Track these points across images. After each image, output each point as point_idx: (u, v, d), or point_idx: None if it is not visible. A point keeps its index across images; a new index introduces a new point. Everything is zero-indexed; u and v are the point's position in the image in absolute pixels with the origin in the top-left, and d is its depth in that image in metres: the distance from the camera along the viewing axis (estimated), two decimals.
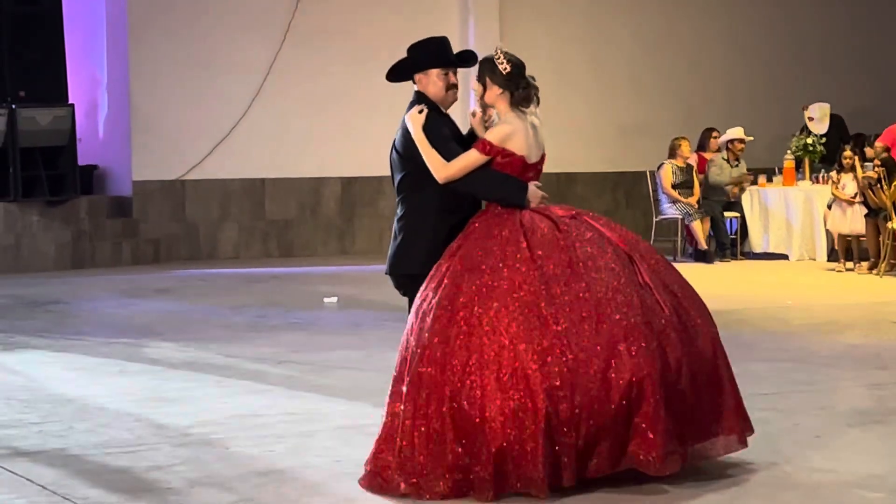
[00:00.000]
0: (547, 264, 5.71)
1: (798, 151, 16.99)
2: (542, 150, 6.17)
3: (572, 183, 19.31)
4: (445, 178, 6.04)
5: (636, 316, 5.62)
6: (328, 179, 17.88)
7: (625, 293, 5.68)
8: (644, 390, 5.51)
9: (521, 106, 6.11)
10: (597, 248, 5.81)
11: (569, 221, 5.91)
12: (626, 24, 19.52)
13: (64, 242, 16.12)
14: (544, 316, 5.58)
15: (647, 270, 5.84)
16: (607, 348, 5.55)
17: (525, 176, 6.04)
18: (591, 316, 5.60)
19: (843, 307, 12.10)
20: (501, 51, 6.14)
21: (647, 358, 5.56)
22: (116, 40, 17.22)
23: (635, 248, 5.92)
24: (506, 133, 6.00)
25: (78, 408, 7.72)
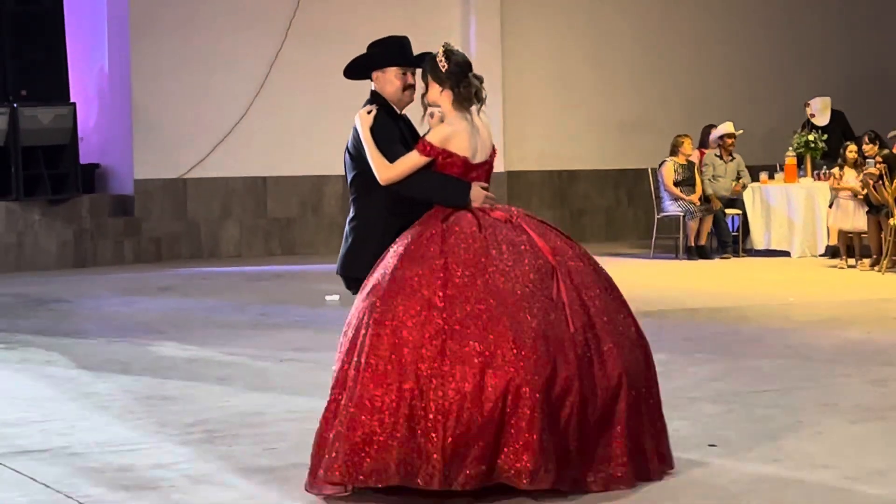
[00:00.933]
0: (452, 262, 5.62)
1: (800, 148, 16.98)
2: (488, 149, 6.02)
3: (574, 180, 19.31)
4: (387, 179, 5.97)
5: (531, 325, 5.47)
6: (330, 177, 17.87)
7: (527, 301, 5.54)
8: (520, 399, 5.36)
9: (465, 105, 5.99)
10: (512, 255, 5.67)
11: (497, 223, 5.80)
12: (628, 20, 19.51)
13: (66, 241, 16.12)
14: (436, 312, 5.50)
15: (570, 287, 5.67)
16: (491, 350, 5.43)
17: (468, 176, 5.92)
18: (483, 318, 5.47)
19: (846, 304, 12.10)
20: (445, 48, 6.01)
21: (529, 367, 5.39)
22: (118, 39, 17.22)
23: (563, 263, 5.74)
24: (446, 134, 5.91)
25: (80, 406, 7.72)
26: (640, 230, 19.14)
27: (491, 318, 5.48)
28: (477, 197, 5.90)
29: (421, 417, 5.40)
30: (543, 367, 5.42)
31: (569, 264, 5.78)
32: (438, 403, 5.38)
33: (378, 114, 6.13)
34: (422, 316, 5.51)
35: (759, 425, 6.87)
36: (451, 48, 6.05)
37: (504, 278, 5.59)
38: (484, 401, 5.37)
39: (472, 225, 5.77)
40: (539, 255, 5.73)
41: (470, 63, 6.05)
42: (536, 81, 18.83)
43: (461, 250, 5.67)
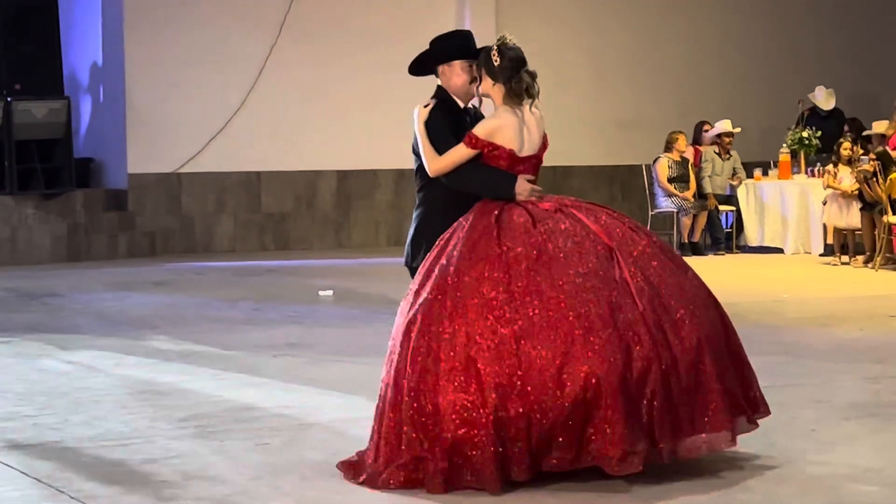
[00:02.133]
0: (512, 259, 5.67)
1: (794, 145, 17.00)
2: (537, 144, 6.10)
3: (568, 176, 19.30)
4: (435, 171, 6.08)
5: (599, 313, 5.54)
6: (324, 173, 17.87)
7: (592, 289, 5.60)
8: (600, 388, 5.43)
9: (515, 99, 6.05)
10: (571, 243, 5.73)
11: (549, 214, 5.85)
12: (622, 17, 19.51)
13: (59, 235, 16.11)
14: (502, 312, 5.55)
15: (630, 264, 5.74)
16: (563, 346, 5.49)
17: (515, 169, 5.99)
18: (550, 313, 5.54)
19: (839, 301, 12.11)
20: (500, 42, 6.10)
21: (604, 356, 5.47)
22: (112, 33, 17.20)
23: (620, 242, 5.81)
24: (493, 126, 5.99)
25: (73, 400, 7.71)
26: None
27: (558, 315, 5.54)
28: (523, 190, 5.96)
29: (505, 421, 5.47)
30: (616, 353, 5.50)
31: (625, 241, 5.84)
32: (517, 408, 5.45)
33: (434, 108, 6.20)
34: (489, 320, 5.55)
35: None
36: (506, 43, 6.12)
37: (565, 271, 5.65)
38: (564, 398, 5.44)
39: (523, 218, 5.82)
40: (596, 239, 5.80)
41: (524, 59, 6.13)
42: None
43: (518, 246, 5.71)
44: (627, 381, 5.50)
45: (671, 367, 5.62)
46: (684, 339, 5.69)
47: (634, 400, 5.51)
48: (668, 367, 5.61)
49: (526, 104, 6.10)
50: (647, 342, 5.58)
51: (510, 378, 5.49)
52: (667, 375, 5.60)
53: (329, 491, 5.70)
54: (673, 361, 5.63)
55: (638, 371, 5.54)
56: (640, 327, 5.60)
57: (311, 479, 5.86)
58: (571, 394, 5.45)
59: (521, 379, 5.48)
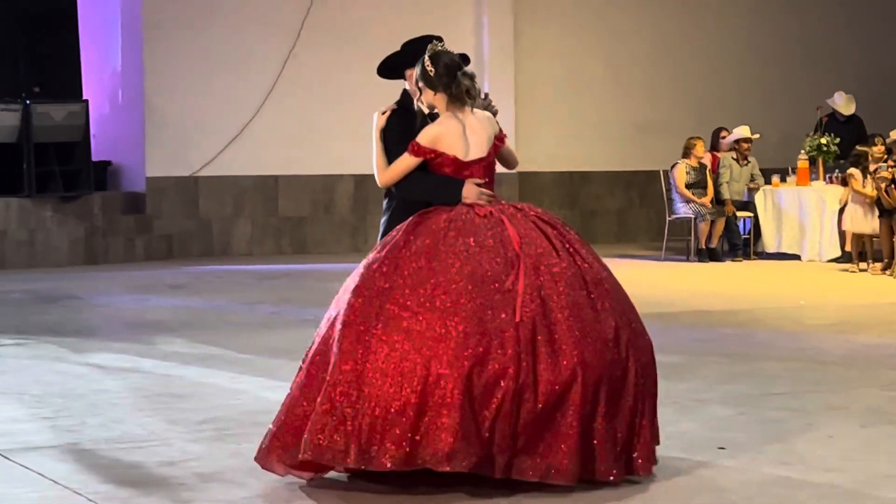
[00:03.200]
0: (406, 253, 5.73)
1: (812, 151, 16.96)
2: (484, 146, 6.04)
3: (586, 182, 19.31)
4: (383, 182, 6.15)
5: (467, 311, 5.52)
6: (341, 177, 17.89)
7: (472, 290, 5.57)
8: (440, 383, 5.41)
9: (458, 104, 6.02)
10: (469, 246, 5.71)
11: (468, 218, 5.84)
12: (641, 22, 19.50)
13: (77, 238, 16.15)
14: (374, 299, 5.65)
15: (531, 277, 5.65)
16: (415, 337, 5.51)
17: (461, 174, 5.98)
18: (411, 308, 5.56)
19: (857, 307, 12.08)
20: (431, 52, 6.08)
21: (454, 353, 5.44)
22: (131, 36, 17.25)
23: (535, 254, 5.73)
24: (434, 134, 5.99)
25: (90, 403, 7.73)
26: (652, 232, 19.13)
27: (425, 304, 5.55)
28: (470, 194, 5.94)
29: (347, 399, 5.50)
30: (471, 353, 5.45)
31: (540, 255, 5.75)
32: (363, 388, 5.49)
33: (392, 115, 6.18)
34: (369, 301, 5.65)
35: (769, 428, 6.86)
36: (437, 50, 6.10)
37: (452, 269, 5.63)
38: (403, 384, 5.44)
39: (441, 218, 5.84)
40: (506, 244, 5.74)
41: (458, 63, 6.09)
42: (549, 82, 18.82)
43: (420, 241, 5.75)
44: (473, 384, 5.42)
45: (527, 384, 5.47)
46: (558, 365, 5.53)
47: (476, 404, 5.43)
48: (524, 384, 5.47)
49: (468, 108, 6.05)
50: (509, 352, 5.48)
51: (362, 364, 5.52)
52: (520, 391, 5.46)
53: (346, 494, 5.69)
54: (533, 380, 5.49)
55: (489, 378, 5.44)
56: (509, 338, 5.50)
57: (327, 483, 5.85)
58: (411, 381, 5.43)
59: (359, 371, 5.52)
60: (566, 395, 5.52)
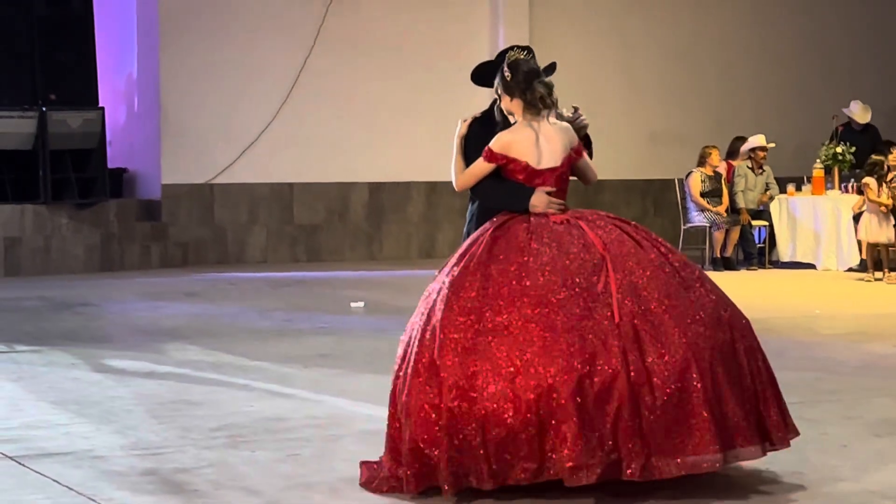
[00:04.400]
0: (493, 272, 5.72)
1: (827, 160, 16.94)
2: (559, 155, 6.09)
3: (601, 190, 19.28)
4: (460, 186, 6.20)
5: (564, 324, 5.52)
6: (356, 185, 17.91)
7: (563, 302, 5.58)
8: (553, 400, 5.41)
9: (533, 111, 6.07)
10: (554, 253, 5.73)
11: (547, 226, 5.88)
12: (657, 31, 19.49)
13: (93, 245, 16.18)
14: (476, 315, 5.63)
15: (621, 276, 5.69)
16: (519, 360, 5.50)
17: (533, 182, 6.02)
18: (509, 328, 5.55)
19: (872, 317, 12.06)
20: (512, 58, 6.15)
21: (560, 367, 5.44)
22: (147, 44, 17.29)
23: (619, 253, 5.77)
24: (507, 140, 6.04)
25: (105, 409, 7.74)
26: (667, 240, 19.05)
27: (523, 324, 5.54)
28: (539, 202, 5.99)
29: (462, 424, 5.49)
30: (576, 364, 5.44)
31: (625, 254, 5.79)
32: (475, 412, 5.48)
33: (474, 122, 6.28)
34: (458, 322, 5.61)
35: None
36: (516, 58, 6.16)
37: (540, 279, 5.64)
38: (518, 406, 5.43)
39: (521, 229, 5.86)
40: (590, 248, 5.78)
41: (536, 70, 6.16)
42: (564, 90, 18.65)
43: (502, 255, 5.76)
44: (586, 394, 5.43)
45: (643, 382, 5.48)
46: (668, 356, 5.53)
47: (592, 413, 5.43)
48: (639, 382, 5.47)
49: (545, 115, 6.09)
50: (616, 354, 5.49)
51: (469, 380, 5.51)
52: (637, 389, 5.46)
53: (360, 502, 5.70)
54: (647, 377, 5.49)
55: (601, 384, 5.45)
56: (612, 339, 5.51)
57: (341, 490, 5.86)
58: (524, 403, 5.44)
59: (473, 386, 5.51)
60: (685, 384, 5.53)
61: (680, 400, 5.51)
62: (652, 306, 5.65)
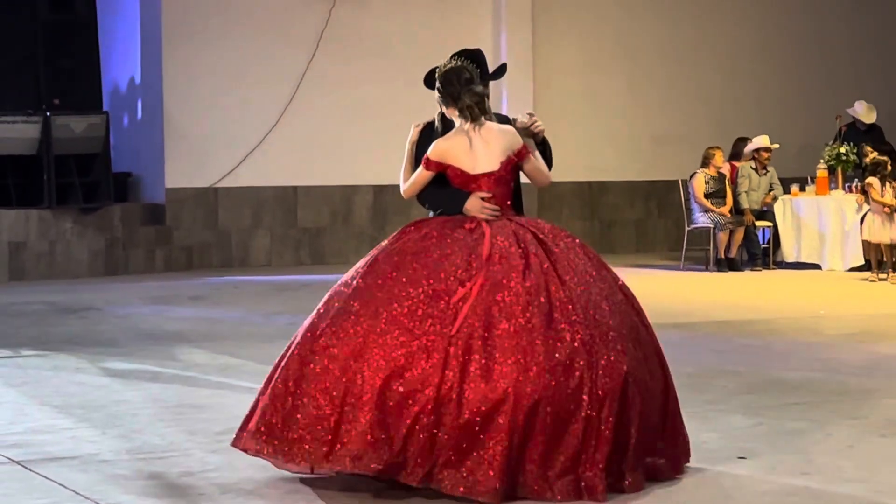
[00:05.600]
0: (379, 263, 5.93)
1: (831, 161, 16.93)
2: (496, 159, 6.08)
3: (605, 192, 19.30)
4: (405, 193, 6.28)
5: (398, 324, 5.66)
6: (360, 187, 17.92)
7: (410, 303, 5.69)
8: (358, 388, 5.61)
9: (467, 118, 6.09)
10: (431, 260, 5.80)
11: (450, 233, 5.91)
12: (659, 32, 19.50)
13: (97, 249, 16.20)
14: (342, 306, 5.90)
15: (490, 291, 5.67)
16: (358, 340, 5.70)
17: (469, 187, 6.07)
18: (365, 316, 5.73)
19: (877, 317, 12.05)
20: (442, 68, 6.19)
21: (377, 361, 5.60)
22: (151, 48, 17.31)
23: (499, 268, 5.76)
24: (442, 147, 6.10)
25: (110, 413, 7.75)
26: (671, 242, 19.12)
27: (373, 311, 5.72)
28: (472, 206, 6.04)
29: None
30: (393, 360, 5.55)
31: (510, 274, 5.73)
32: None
33: (425, 129, 6.30)
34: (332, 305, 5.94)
35: (788, 438, 6.85)
36: (448, 67, 6.18)
37: (412, 280, 5.74)
38: (334, 387, 5.62)
39: (421, 233, 5.95)
40: (474, 260, 5.78)
41: (469, 78, 6.12)
42: (567, 92, 18.83)
43: (397, 250, 5.92)
44: (389, 390, 5.54)
45: (450, 398, 5.49)
46: (489, 386, 5.49)
47: (390, 411, 5.54)
48: (445, 397, 5.49)
49: (481, 122, 6.08)
50: (434, 363, 5.55)
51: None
52: (440, 403, 5.49)
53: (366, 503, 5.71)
54: (458, 395, 5.49)
55: (407, 386, 5.53)
56: (438, 349, 5.55)
57: (347, 493, 5.86)
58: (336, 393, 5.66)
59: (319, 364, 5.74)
60: (493, 417, 5.46)
61: (483, 431, 5.45)
62: (499, 334, 5.58)
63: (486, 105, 6.14)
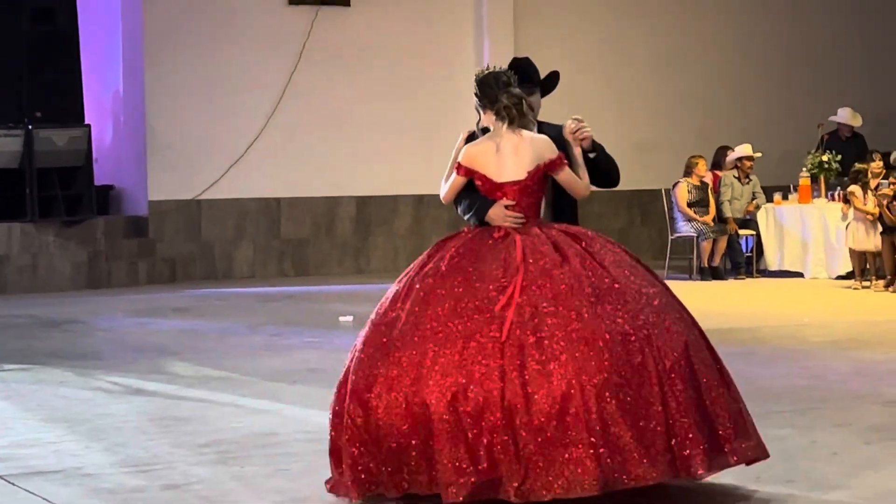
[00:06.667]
0: (413, 273, 5.87)
1: (814, 169, 16.97)
2: (525, 167, 6.04)
3: (588, 200, 19.12)
4: (444, 199, 6.22)
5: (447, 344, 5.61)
6: (343, 198, 17.91)
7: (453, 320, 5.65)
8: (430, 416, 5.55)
9: (501, 123, 6.07)
10: (462, 268, 5.79)
11: (483, 238, 5.91)
12: (642, 42, 19.53)
13: (80, 262, 16.16)
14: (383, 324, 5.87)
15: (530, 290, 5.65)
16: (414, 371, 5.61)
17: (494, 195, 6.01)
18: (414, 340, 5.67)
19: (860, 324, 12.08)
20: (479, 73, 6.18)
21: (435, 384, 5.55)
22: (132, 61, 17.29)
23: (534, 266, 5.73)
24: (471, 153, 6.06)
25: (94, 427, 7.73)
26: (654, 251, 19.13)
27: (421, 334, 5.64)
28: (496, 215, 5.97)
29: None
30: (452, 381, 5.48)
31: (546, 268, 5.72)
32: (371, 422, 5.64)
33: (470, 136, 6.23)
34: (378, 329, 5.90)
35: (773, 445, 6.82)
36: (485, 73, 6.17)
37: (451, 297, 5.68)
38: (402, 417, 5.55)
39: (453, 247, 5.90)
40: (508, 266, 5.74)
41: (506, 81, 6.12)
42: (549, 101, 18.78)
43: (433, 267, 5.84)
44: (458, 412, 5.46)
45: (517, 405, 5.44)
46: (551, 379, 5.46)
47: (465, 432, 5.45)
48: (513, 405, 5.44)
49: (514, 127, 6.06)
50: (494, 376, 5.50)
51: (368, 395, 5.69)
52: (510, 412, 5.43)
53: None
54: (524, 400, 5.44)
55: (474, 404, 5.46)
56: (494, 360, 5.49)
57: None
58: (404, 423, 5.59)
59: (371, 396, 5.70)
60: (566, 408, 5.40)
61: (561, 426, 5.40)
62: (548, 327, 5.54)
63: (524, 108, 6.10)
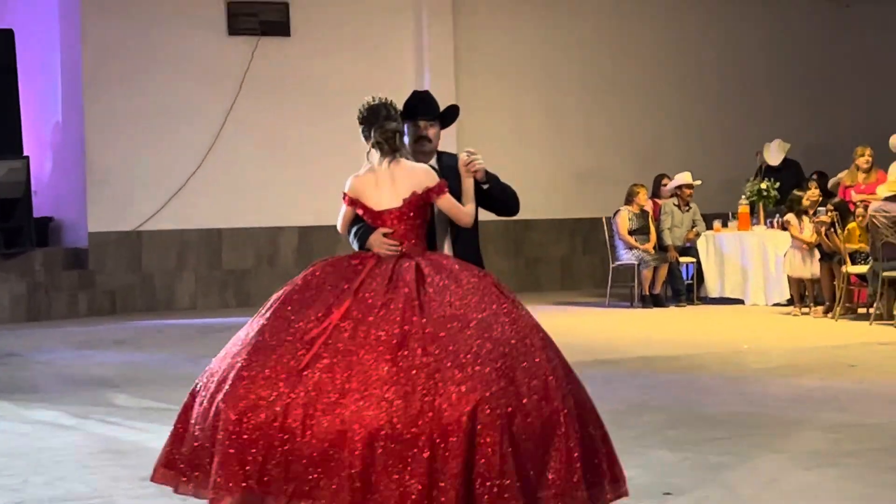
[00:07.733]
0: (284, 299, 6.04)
1: (752, 196, 17.11)
2: (402, 195, 6.08)
3: (529, 230, 19.38)
4: (340, 230, 6.36)
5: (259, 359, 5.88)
6: (285, 229, 17.88)
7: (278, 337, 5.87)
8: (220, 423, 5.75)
9: (381, 154, 6.13)
10: (322, 293, 5.91)
11: (346, 267, 5.99)
12: (581, 71, 19.66)
13: (19, 295, 16.04)
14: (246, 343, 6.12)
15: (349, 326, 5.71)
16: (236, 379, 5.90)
17: (375, 223, 6.13)
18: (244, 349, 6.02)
19: (800, 351, 12.16)
20: (362, 107, 6.22)
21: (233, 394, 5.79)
22: (71, 92, 17.22)
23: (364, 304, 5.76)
24: (354, 184, 6.18)
25: (33, 461, 7.66)
26: (596, 279, 19.22)
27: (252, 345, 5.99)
28: (373, 242, 6.07)
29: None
30: (251, 394, 5.67)
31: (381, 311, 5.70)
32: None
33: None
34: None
35: (713, 473, 6.89)
36: (364, 105, 6.20)
37: (285, 316, 5.93)
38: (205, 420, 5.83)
39: (317, 269, 6.02)
40: (343, 294, 5.83)
41: (379, 114, 6.13)
42: (490, 132, 18.91)
43: (292, 287, 6.05)
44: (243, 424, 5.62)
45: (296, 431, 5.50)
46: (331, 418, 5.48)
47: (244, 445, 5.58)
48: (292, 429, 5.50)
49: (392, 158, 6.11)
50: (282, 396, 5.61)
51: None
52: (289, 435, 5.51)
53: None
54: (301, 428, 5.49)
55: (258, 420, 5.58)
56: (287, 382, 5.62)
57: None
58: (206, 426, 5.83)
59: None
60: (340, 445, 5.40)
61: (325, 460, 5.43)
62: (348, 369, 5.56)
63: (396, 142, 6.16)
